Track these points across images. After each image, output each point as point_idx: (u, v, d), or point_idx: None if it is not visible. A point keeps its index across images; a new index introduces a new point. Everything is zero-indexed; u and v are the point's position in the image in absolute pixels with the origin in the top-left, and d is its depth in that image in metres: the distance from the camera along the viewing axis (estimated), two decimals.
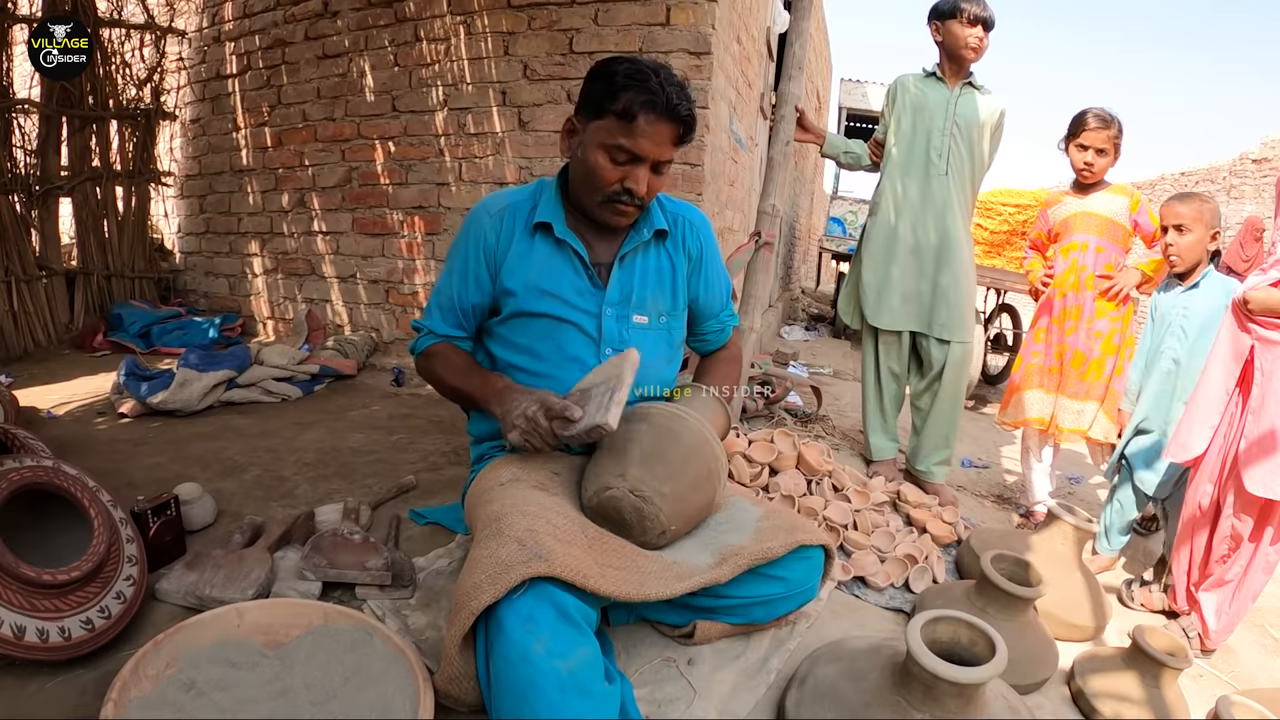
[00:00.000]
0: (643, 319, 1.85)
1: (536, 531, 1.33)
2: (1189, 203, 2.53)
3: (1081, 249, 2.97)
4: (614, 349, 1.78)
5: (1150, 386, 2.63)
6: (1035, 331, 3.14)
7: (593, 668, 1.22)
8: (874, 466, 3.21)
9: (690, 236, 1.94)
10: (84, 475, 1.74)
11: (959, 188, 2.99)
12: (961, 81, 2.97)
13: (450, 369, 1.82)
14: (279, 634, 1.40)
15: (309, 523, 2.08)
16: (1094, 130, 2.85)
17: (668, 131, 1.64)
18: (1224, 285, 2.54)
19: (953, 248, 2.98)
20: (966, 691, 1.31)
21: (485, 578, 1.23)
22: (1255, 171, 10.04)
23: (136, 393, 3.18)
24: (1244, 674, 2.19)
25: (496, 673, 1.19)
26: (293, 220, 4.89)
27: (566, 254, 1.79)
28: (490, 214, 1.82)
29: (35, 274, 4.45)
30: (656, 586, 1.41)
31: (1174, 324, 2.59)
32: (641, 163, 1.65)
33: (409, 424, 3.29)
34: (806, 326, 8.66)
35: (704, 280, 1.98)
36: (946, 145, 2.95)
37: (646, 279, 1.86)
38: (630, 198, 1.68)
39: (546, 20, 3.87)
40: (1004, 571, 1.91)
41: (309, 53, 4.64)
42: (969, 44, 2.86)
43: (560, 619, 1.23)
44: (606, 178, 1.67)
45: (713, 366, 2.06)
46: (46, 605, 1.42)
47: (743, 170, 4.94)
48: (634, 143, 1.62)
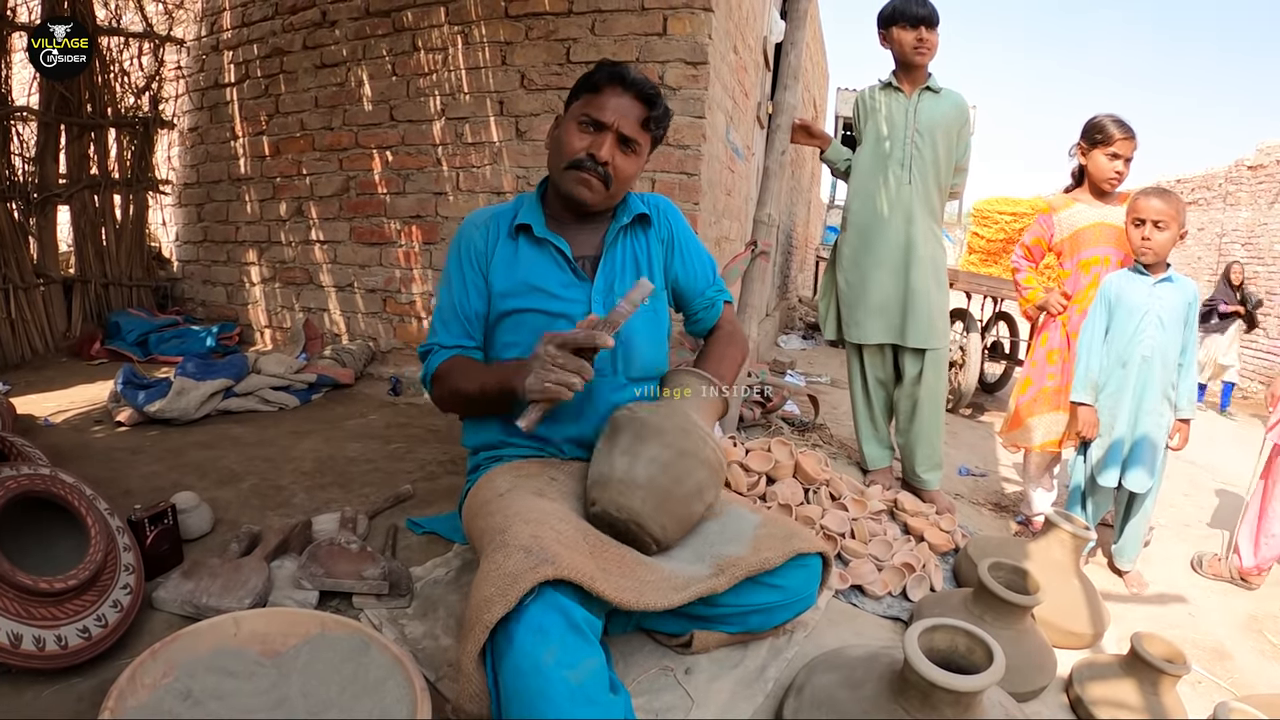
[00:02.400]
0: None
1: (541, 537, 1.34)
2: (1169, 201, 2.58)
3: (1103, 263, 2.93)
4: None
5: (1125, 381, 2.64)
6: (1048, 354, 3.05)
7: (599, 678, 1.22)
8: (870, 475, 3.21)
9: (660, 221, 1.98)
10: (81, 483, 1.74)
11: (923, 195, 2.99)
12: (919, 87, 2.98)
13: (464, 376, 1.78)
14: (276, 643, 1.40)
15: (306, 532, 2.07)
16: (1125, 139, 2.85)
17: (633, 107, 1.77)
18: (1191, 284, 2.67)
19: (916, 257, 2.98)
20: (964, 699, 1.31)
21: (495, 590, 1.24)
22: (1251, 178, 10.10)
23: (134, 401, 3.18)
24: (1242, 680, 2.20)
25: (505, 683, 1.19)
26: (290, 229, 4.90)
27: (549, 252, 1.84)
28: (476, 225, 1.90)
29: (33, 282, 4.45)
30: (655, 596, 1.41)
31: (1150, 313, 2.61)
32: (606, 129, 1.75)
33: (406, 433, 3.29)
34: (803, 335, 8.67)
35: (681, 260, 2.01)
36: (909, 154, 2.96)
37: (628, 265, 1.90)
38: (593, 163, 1.75)
39: (544, 30, 3.89)
40: (1001, 579, 1.91)
41: (307, 62, 4.65)
42: (915, 47, 2.88)
43: (569, 629, 1.23)
44: (573, 144, 1.77)
45: (710, 349, 2.04)
46: (43, 613, 1.42)
47: (739, 179, 4.95)
48: (600, 111, 1.75)
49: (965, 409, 5.74)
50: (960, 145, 3.05)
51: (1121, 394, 2.65)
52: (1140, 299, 2.64)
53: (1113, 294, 2.71)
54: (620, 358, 1.84)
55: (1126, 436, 2.65)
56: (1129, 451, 2.64)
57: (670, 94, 3.68)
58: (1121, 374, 2.65)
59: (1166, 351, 2.60)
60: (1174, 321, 2.60)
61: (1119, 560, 2.78)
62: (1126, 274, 2.71)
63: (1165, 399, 2.63)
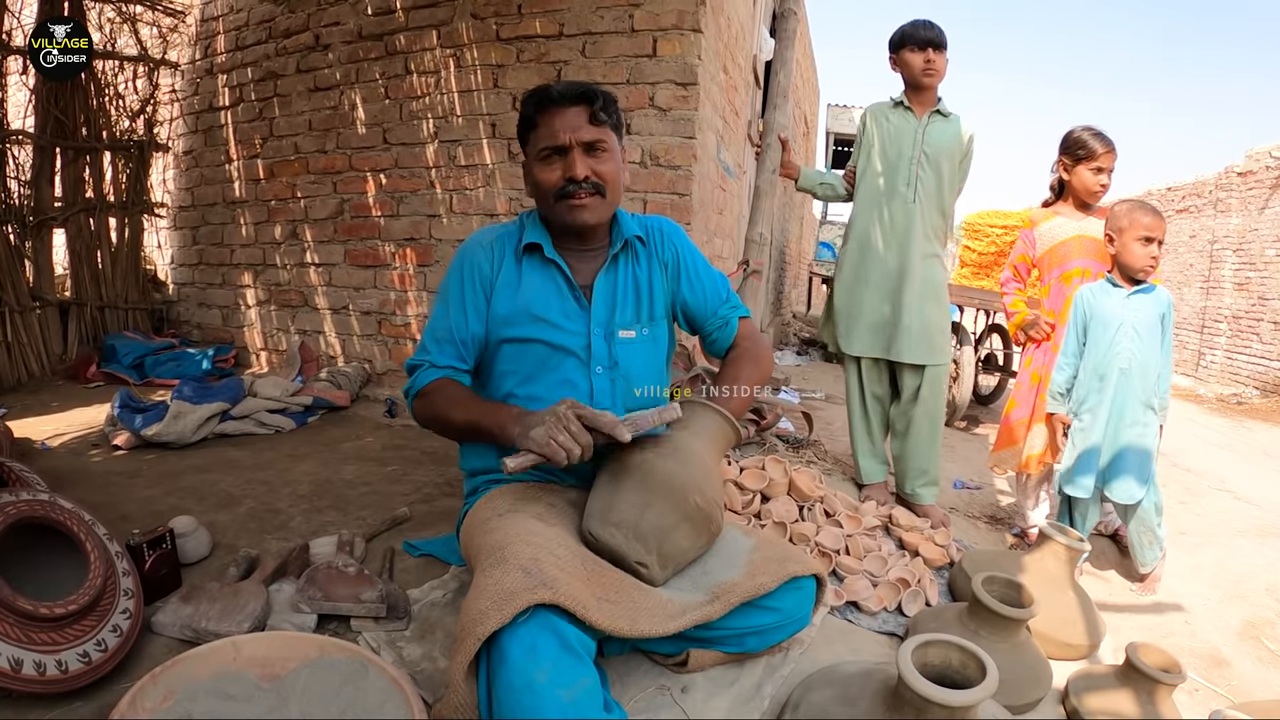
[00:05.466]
0: (629, 333, 1.87)
1: (540, 560, 1.35)
2: (1161, 219, 2.61)
3: (1084, 275, 2.96)
4: (604, 367, 1.82)
5: (1103, 394, 2.66)
6: (1031, 375, 3.11)
7: (593, 696, 1.23)
8: (865, 491, 3.22)
9: (664, 245, 1.96)
10: (80, 508, 1.75)
11: (925, 215, 3.01)
12: (930, 110, 3.01)
13: (453, 402, 1.76)
14: (275, 667, 1.41)
15: (304, 555, 2.08)
16: (1108, 152, 2.91)
17: (573, 113, 1.75)
18: (1165, 292, 2.68)
19: (913, 274, 2.99)
20: (957, 714, 1.31)
21: (491, 604, 1.25)
22: (1241, 184, 10.16)
23: (131, 425, 3.18)
24: (1240, 687, 2.21)
25: (499, 700, 1.21)
26: (285, 252, 4.92)
27: (553, 275, 1.84)
28: (482, 245, 1.87)
29: (29, 305, 4.46)
30: (649, 624, 1.42)
31: (1126, 325, 2.63)
32: (566, 152, 1.74)
33: (402, 455, 3.29)
34: (798, 351, 8.68)
35: (688, 283, 1.98)
36: (914, 174, 2.99)
37: (627, 292, 1.89)
38: (575, 184, 1.74)
39: (535, 53, 3.93)
40: (996, 593, 1.92)
41: (300, 85, 4.69)
42: (923, 69, 2.92)
43: (563, 649, 1.24)
44: (549, 179, 1.77)
45: (725, 373, 1.98)
46: (43, 638, 1.43)
47: (731, 198, 4.99)
48: (550, 138, 1.74)
49: (960, 422, 5.75)
50: (963, 171, 3.08)
51: (1099, 407, 2.66)
52: (1114, 311, 2.65)
53: (1086, 307, 2.72)
54: (619, 388, 1.85)
55: (1103, 449, 2.66)
56: (1111, 463, 2.65)
57: (661, 115, 3.72)
58: (1099, 386, 2.67)
59: (1145, 362, 2.61)
60: (1150, 331, 2.62)
61: (1136, 567, 2.82)
62: (1100, 286, 2.73)
63: (1148, 408, 2.64)
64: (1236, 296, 10.35)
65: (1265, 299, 9.78)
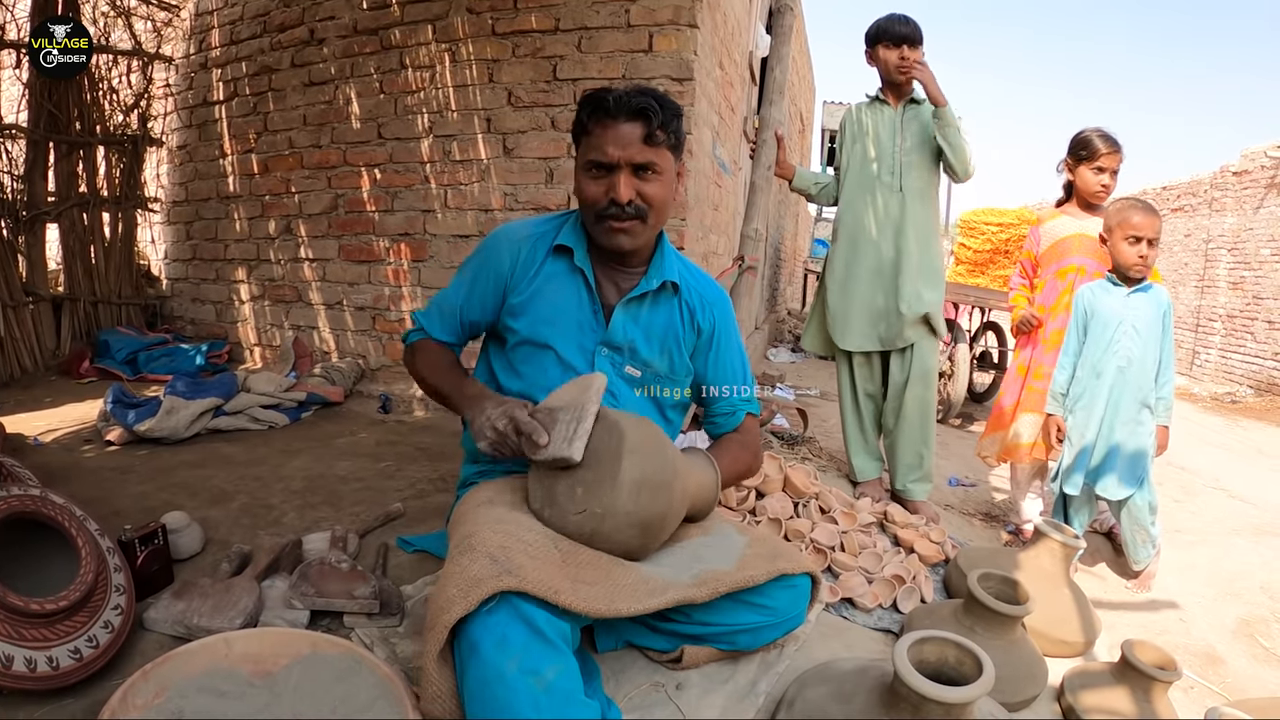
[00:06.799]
0: (635, 371, 1.84)
1: (508, 548, 1.34)
2: (1157, 215, 2.63)
3: (1079, 272, 2.99)
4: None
5: (1098, 391, 2.67)
6: (1018, 366, 3.19)
7: (567, 681, 1.22)
8: (860, 488, 3.22)
9: (703, 311, 1.89)
10: (71, 504, 1.74)
11: (914, 204, 3.02)
12: (905, 100, 3.03)
13: (431, 366, 1.87)
14: (267, 663, 1.40)
15: (296, 551, 2.07)
16: (1111, 153, 2.93)
17: (628, 131, 1.63)
18: (1164, 291, 2.71)
19: (909, 263, 3.00)
20: (953, 711, 1.31)
21: (457, 591, 1.24)
22: (1236, 184, 10.19)
23: (123, 420, 3.17)
24: (1235, 684, 2.21)
25: (471, 694, 1.20)
26: (279, 247, 4.89)
27: (578, 283, 1.80)
28: (511, 240, 1.84)
29: (22, 300, 4.43)
30: (628, 602, 1.39)
31: (1125, 323, 2.64)
32: (615, 170, 1.65)
33: (396, 451, 3.29)
34: (793, 348, 8.67)
35: (712, 360, 1.92)
36: (898, 162, 3.00)
37: (651, 332, 1.84)
38: (618, 209, 1.66)
39: (530, 48, 3.91)
40: (991, 590, 1.91)
41: (295, 80, 4.67)
42: (898, 65, 2.93)
43: (533, 636, 1.23)
44: (592, 195, 1.69)
45: (719, 445, 1.96)
46: (34, 635, 1.42)
47: (726, 194, 4.98)
48: (600, 152, 1.65)
49: (955, 419, 5.77)
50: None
51: (1094, 404, 2.67)
52: (1114, 310, 2.67)
53: (1086, 306, 2.74)
54: None
55: (1097, 446, 2.67)
56: (1103, 460, 2.66)
57: None
58: (1096, 384, 2.68)
59: (1144, 360, 2.62)
60: (1149, 330, 2.63)
61: (1130, 564, 2.84)
62: (1101, 285, 2.74)
63: (1144, 407, 2.66)
64: (1231, 295, 10.39)
65: (1260, 298, 9.82)
